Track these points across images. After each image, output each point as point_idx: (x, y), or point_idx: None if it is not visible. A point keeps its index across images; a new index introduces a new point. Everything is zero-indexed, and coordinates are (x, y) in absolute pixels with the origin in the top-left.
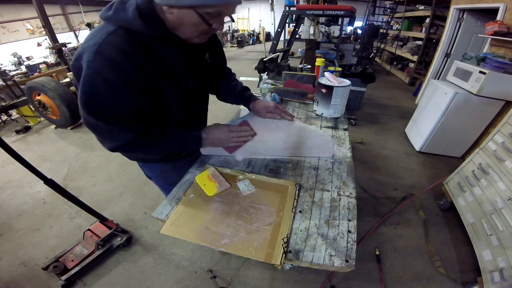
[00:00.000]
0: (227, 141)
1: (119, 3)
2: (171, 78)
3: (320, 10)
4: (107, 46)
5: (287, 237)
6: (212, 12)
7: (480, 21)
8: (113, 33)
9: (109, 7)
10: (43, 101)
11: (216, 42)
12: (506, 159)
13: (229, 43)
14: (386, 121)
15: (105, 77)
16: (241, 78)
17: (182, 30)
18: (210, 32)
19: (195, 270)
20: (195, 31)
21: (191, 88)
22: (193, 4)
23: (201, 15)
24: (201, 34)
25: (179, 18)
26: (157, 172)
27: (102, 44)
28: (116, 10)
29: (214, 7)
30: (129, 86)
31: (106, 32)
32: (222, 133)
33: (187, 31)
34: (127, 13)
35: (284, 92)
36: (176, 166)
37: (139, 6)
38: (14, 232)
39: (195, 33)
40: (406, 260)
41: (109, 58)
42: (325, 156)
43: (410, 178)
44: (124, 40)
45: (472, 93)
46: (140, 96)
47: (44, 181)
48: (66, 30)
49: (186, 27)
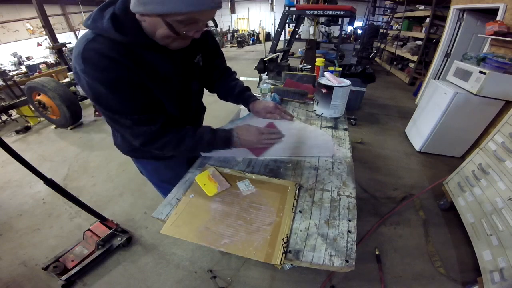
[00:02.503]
0: (257, 142)
1: (97, 11)
2: (157, 81)
3: (320, 10)
4: (89, 52)
5: (287, 237)
6: (184, 20)
7: (480, 21)
8: (92, 40)
9: (89, 16)
10: (43, 101)
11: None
12: (506, 159)
13: (229, 43)
14: (386, 121)
15: (99, 80)
16: (241, 78)
17: (157, 37)
18: (186, 38)
19: (195, 270)
20: (168, 37)
21: (180, 91)
22: (160, 13)
23: (169, 24)
24: (176, 40)
25: (152, 25)
26: (148, 169)
27: (83, 52)
28: (94, 20)
29: (185, 15)
30: (123, 82)
31: (86, 40)
32: (253, 135)
33: (161, 37)
34: (103, 22)
35: (284, 92)
36: (168, 164)
37: (115, 15)
38: (14, 232)
39: (168, 39)
40: (406, 260)
41: (94, 62)
42: (325, 156)
43: (410, 178)
44: (105, 45)
45: (472, 93)
46: (139, 89)
47: (44, 181)
48: (66, 30)
49: (159, 34)
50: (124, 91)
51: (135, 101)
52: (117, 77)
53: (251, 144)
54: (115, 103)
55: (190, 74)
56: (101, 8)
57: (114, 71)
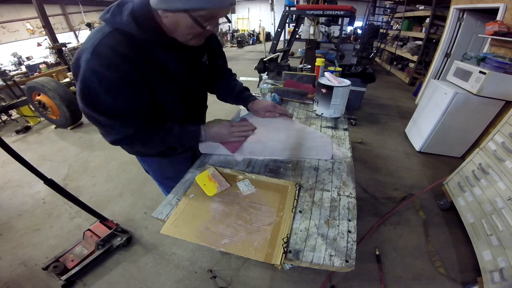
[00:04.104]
0: (228, 135)
1: (116, 6)
2: (165, 80)
3: (320, 10)
4: (103, 46)
5: (287, 237)
6: (206, 14)
7: (480, 21)
8: (109, 35)
9: (107, 10)
10: (43, 101)
11: (216, 43)
12: (506, 159)
13: (229, 43)
14: (386, 121)
15: (100, 75)
16: (241, 78)
17: (178, 33)
18: (205, 34)
19: (195, 270)
20: (190, 33)
21: (187, 90)
22: (186, 8)
23: (195, 19)
24: (196, 36)
25: (174, 22)
26: (153, 167)
27: (98, 45)
28: (113, 14)
29: (207, 10)
30: (124, 83)
31: (102, 34)
32: (223, 127)
33: (182, 34)
34: (122, 17)
35: (284, 92)
36: (172, 161)
37: (134, 10)
38: (14, 232)
39: (190, 35)
40: (406, 260)
41: (105, 57)
42: (323, 158)
43: (410, 178)
44: (120, 41)
45: (472, 93)
46: (135, 93)
47: (44, 181)
48: (66, 30)
49: (181, 30)
50: (117, 93)
51: (124, 104)
52: (118, 77)
53: (222, 137)
54: (104, 103)
55: (197, 73)
56: (119, 3)
57: (118, 70)
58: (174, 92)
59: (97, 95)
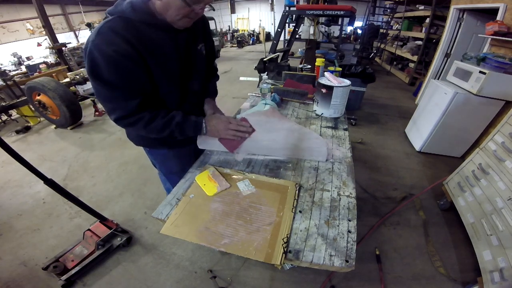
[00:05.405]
0: (223, 131)
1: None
2: (158, 58)
3: (320, 10)
4: (105, 28)
5: (287, 237)
6: None
7: (480, 21)
8: (111, 20)
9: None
10: (43, 101)
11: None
12: (506, 159)
13: (229, 43)
14: (386, 121)
15: (101, 50)
16: (241, 78)
17: (168, 14)
18: (192, 17)
19: (195, 270)
20: (178, 14)
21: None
22: None
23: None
24: (184, 18)
25: (166, 4)
26: (159, 159)
27: (102, 27)
28: (116, 5)
29: None
30: (122, 56)
31: (106, 21)
32: (221, 123)
33: (171, 15)
34: (123, 6)
35: (284, 92)
36: (177, 153)
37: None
38: (14, 232)
39: (178, 16)
40: (406, 260)
41: (106, 36)
42: (318, 160)
43: (410, 178)
44: (119, 24)
45: (472, 93)
46: (132, 66)
47: (44, 181)
48: (66, 30)
49: (171, 11)
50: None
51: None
52: (115, 50)
53: (218, 132)
54: (106, 74)
55: (192, 57)
56: None
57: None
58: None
59: (100, 68)
